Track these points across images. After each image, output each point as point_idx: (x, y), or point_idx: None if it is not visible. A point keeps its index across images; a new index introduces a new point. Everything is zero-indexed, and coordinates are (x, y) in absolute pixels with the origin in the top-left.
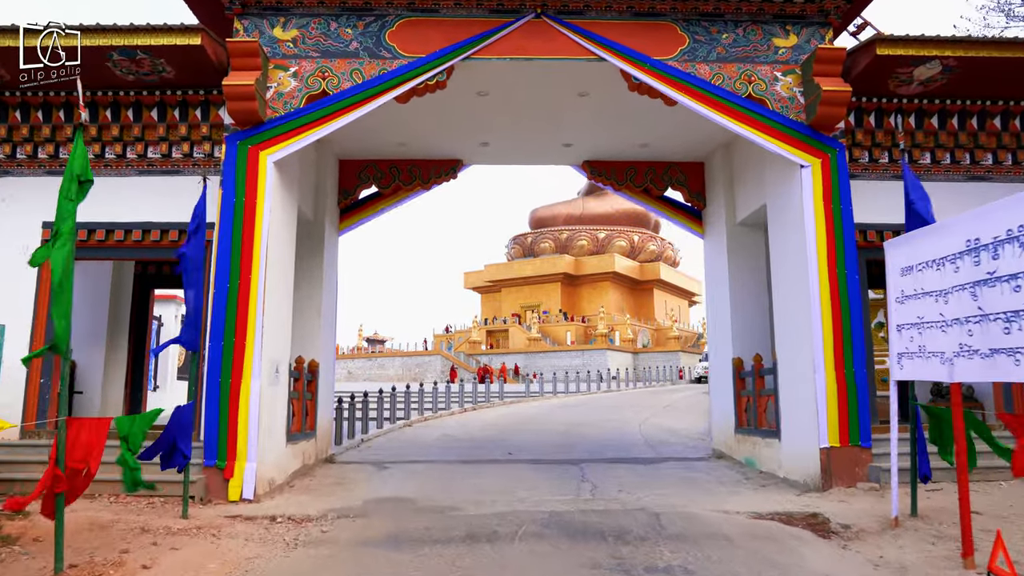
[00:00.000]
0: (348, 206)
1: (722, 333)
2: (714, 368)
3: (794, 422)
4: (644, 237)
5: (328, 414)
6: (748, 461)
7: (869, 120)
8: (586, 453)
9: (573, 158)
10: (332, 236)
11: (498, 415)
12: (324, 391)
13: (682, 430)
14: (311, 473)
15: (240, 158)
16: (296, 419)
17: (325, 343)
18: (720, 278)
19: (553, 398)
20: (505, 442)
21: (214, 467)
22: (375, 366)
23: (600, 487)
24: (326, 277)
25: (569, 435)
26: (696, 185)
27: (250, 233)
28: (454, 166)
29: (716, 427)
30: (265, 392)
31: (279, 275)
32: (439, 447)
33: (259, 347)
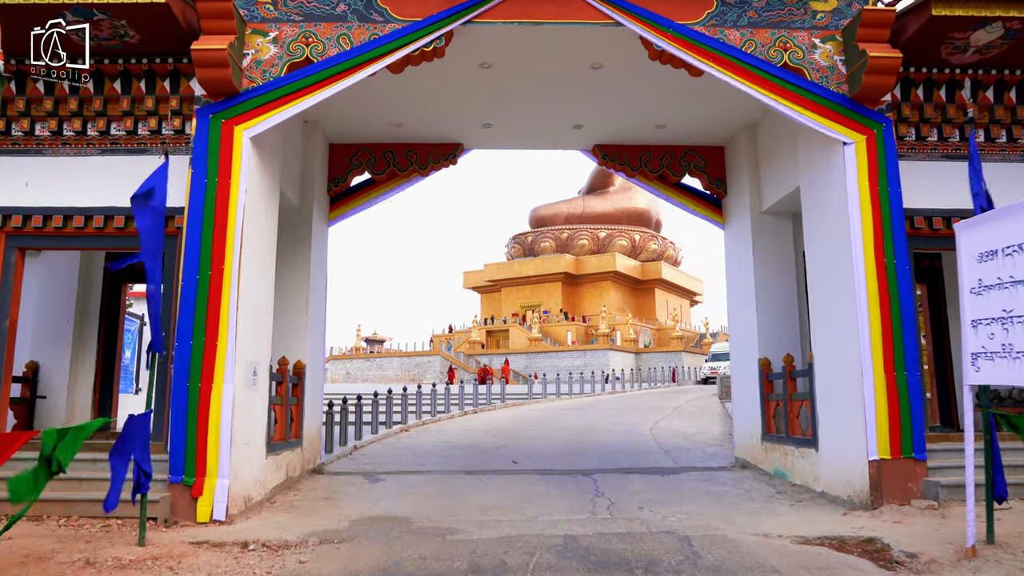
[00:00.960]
0: (339, 194)
1: (746, 331)
2: (737, 369)
3: (835, 430)
4: (645, 236)
5: (316, 420)
6: (778, 472)
7: (917, 93)
8: (597, 461)
9: (583, 141)
10: (321, 226)
11: (501, 419)
12: (312, 395)
13: (696, 435)
14: (296, 487)
15: (212, 133)
16: (279, 427)
17: (313, 343)
18: (743, 272)
19: (557, 400)
20: (510, 449)
21: (180, 484)
22: (374, 367)
23: (618, 503)
24: (314, 270)
25: (577, 441)
26: (716, 171)
27: (223, 218)
28: (453, 150)
29: (739, 434)
30: (240, 398)
31: (258, 266)
32: (438, 455)
33: (232, 347)
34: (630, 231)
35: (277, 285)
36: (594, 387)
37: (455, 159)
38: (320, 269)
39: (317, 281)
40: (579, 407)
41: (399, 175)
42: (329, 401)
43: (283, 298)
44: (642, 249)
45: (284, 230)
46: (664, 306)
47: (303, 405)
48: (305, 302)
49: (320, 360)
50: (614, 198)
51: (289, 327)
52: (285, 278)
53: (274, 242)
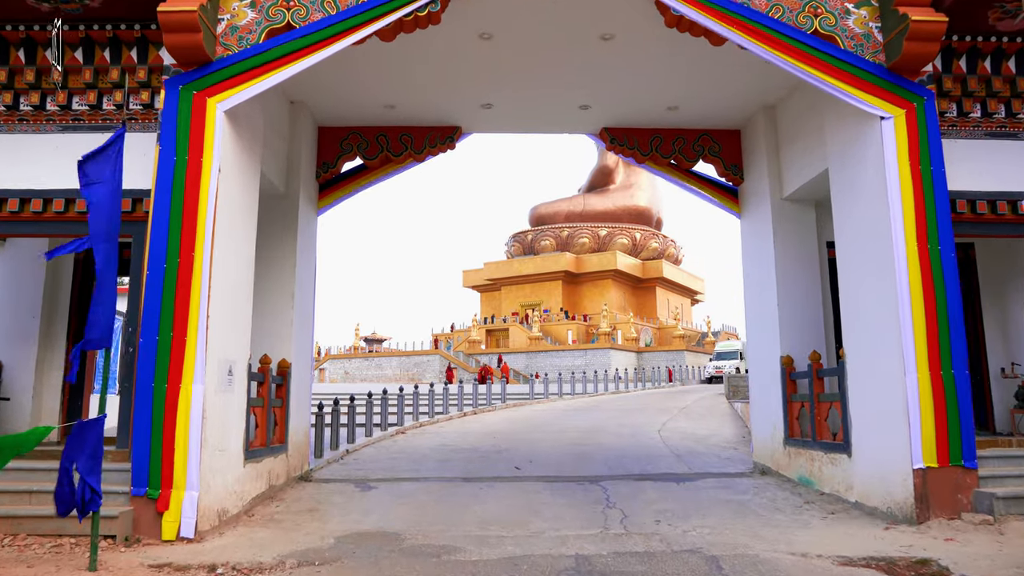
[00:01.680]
0: (329, 180)
1: (766, 327)
2: (755, 368)
3: (871, 434)
4: (646, 234)
5: (304, 423)
6: (803, 479)
7: (959, 64)
8: (605, 467)
9: (590, 124)
10: (309, 214)
11: (502, 420)
12: (299, 396)
13: (707, 437)
14: (279, 496)
15: (182, 106)
16: (260, 431)
17: (300, 339)
18: (763, 263)
19: (559, 400)
20: (511, 453)
21: (144, 497)
22: (372, 366)
23: (632, 515)
24: (301, 262)
25: (583, 444)
26: (732, 156)
27: (193, 200)
28: (451, 134)
29: (758, 438)
30: (213, 400)
31: (234, 255)
32: (435, 460)
33: (203, 343)
34: (631, 229)
35: (259, 277)
36: (597, 387)
37: (453, 143)
38: (308, 260)
39: (304, 273)
40: (582, 408)
41: (393, 160)
42: (319, 403)
43: (266, 292)
44: (643, 247)
45: (268, 218)
46: (665, 305)
47: (288, 407)
48: (291, 296)
49: (308, 359)
50: (615, 196)
51: (273, 323)
52: (269, 270)
53: (253, 229)
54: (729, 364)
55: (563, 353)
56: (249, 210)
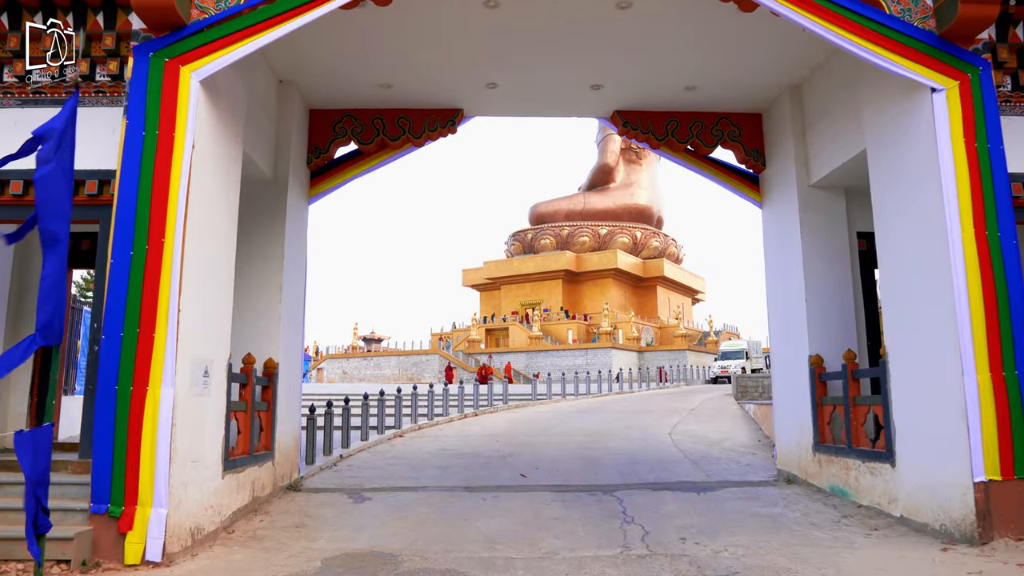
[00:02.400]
0: (321, 167)
1: (791, 324)
2: (779, 368)
3: (920, 442)
4: (647, 233)
5: (293, 427)
6: (836, 490)
7: (1016, 32)
8: (618, 474)
9: (602, 106)
10: (299, 202)
11: (504, 422)
12: (287, 398)
13: (721, 441)
14: (264, 509)
15: (152, 75)
16: (242, 438)
17: (289, 338)
18: (788, 255)
19: (562, 401)
20: (516, 459)
21: (105, 515)
22: (371, 365)
23: (654, 532)
24: (290, 253)
25: (592, 448)
26: (753, 141)
27: (163, 180)
28: (452, 117)
29: (782, 443)
30: (185, 404)
31: (211, 242)
32: (435, 466)
33: (174, 340)
34: (631, 228)
35: (243, 270)
36: (600, 387)
37: (454, 127)
38: (297, 252)
39: (294, 266)
40: (587, 409)
41: (390, 145)
42: (311, 405)
43: (251, 285)
44: (644, 246)
45: (253, 205)
46: (666, 304)
47: (275, 411)
48: (278, 290)
49: (297, 358)
50: (615, 194)
51: (259, 320)
52: (254, 262)
53: (234, 214)
54: (735, 364)
55: (564, 352)
56: (229, 194)
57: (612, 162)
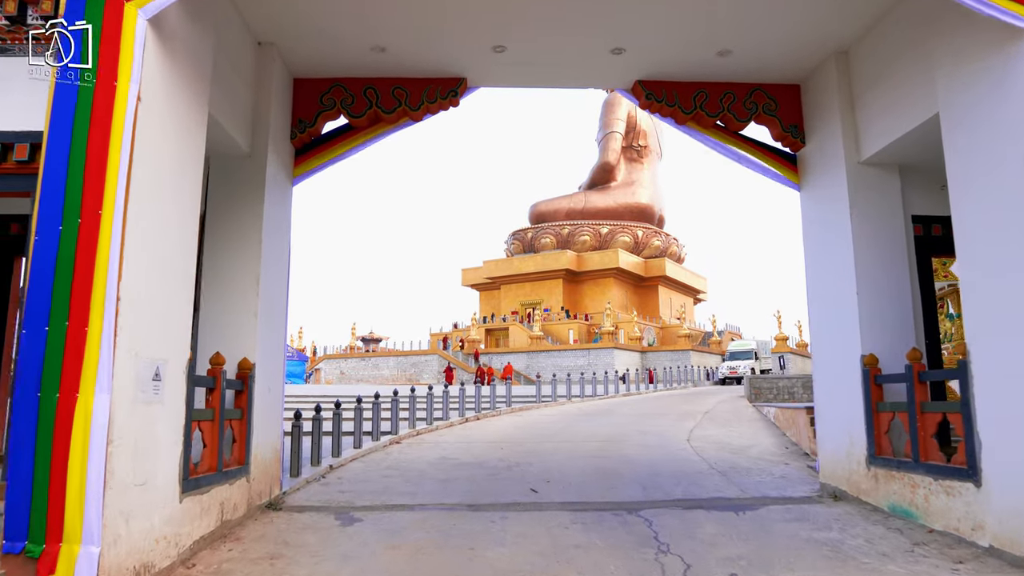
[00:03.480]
0: (307, 143)
1: (838, 320)
2: (822, 369)
3: (1017, 458)
4: (648, 232)
5: (273, 437)
6: (899, 511)
7: None
8: (640, 489)
9: (622, 74)
10: (281, 182)
11: (508, 427)
12: (266, 404)
13: (746, 448)
14: (235, 534)
15: (90, 10)
16: (209, 451)
17: (267, 334)
18: (833, 242)
19: (568, 403)
20: (524, 469)
21: (21, 555)
22: (369, 366)
23: (696, 565)
24: (270, 239)
25: (606, 457)
26: (790, 115)
27: (102, 140)
28: (455, 87)
29: (827, 454)
30: (127, 414)
31: (163, 218)
32: (435, 479)
33: (111, 335)
34: (633, 227)
35: (215, 256)
36: (607, 388)
37: (456, 98)
38: (279, 238)
39: (274, 253)
40: (595, 412)
41: (384, 119)
42: (296, 411)
43: (222, 274)
44: (645, 245)
45: (227, 184)
46: (668, 304)
47: (250, 418)
48: (255, 280)
49: (278, 358)
50: (616, 193)
51: (231, 314)
52: (227, 247)
53: (196, 188)
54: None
55: (565, 353)
56: (189, 163)
57: (613, 160)
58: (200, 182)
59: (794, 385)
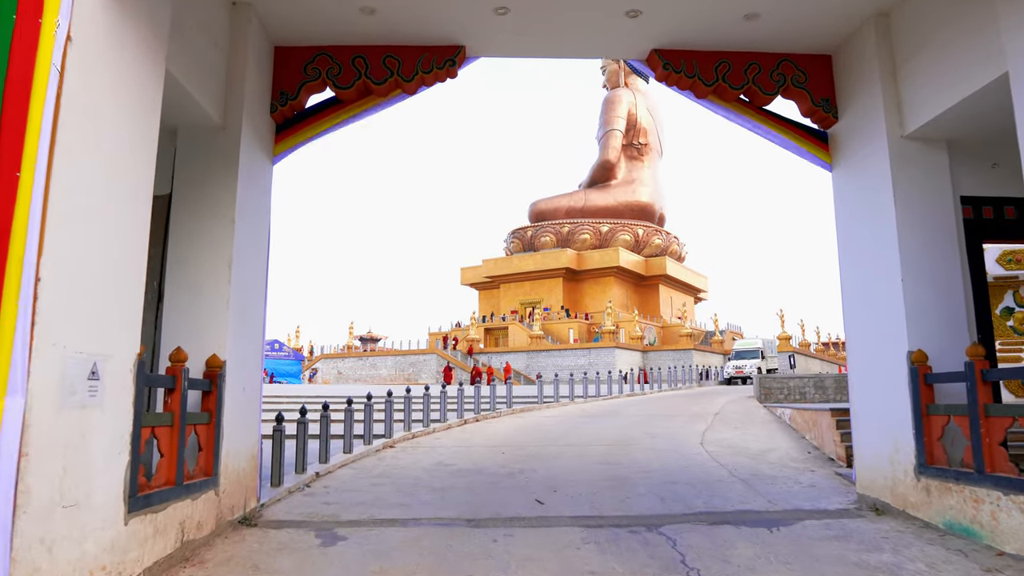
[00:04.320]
0: (289, 118)
1: (878, 311)
2: (859, 367)
3: None
4: (649, 230)
5: (249, 443)
6: (957, 528)
7: None
8: (657, 500)
9: (636, 42)
10: (259, 158)
11: (509, 429)
12: (240, 405)
13: (764, 452)
14: (199, 557)
15: None
16: (167, 461)
17: (242, 328)
18: (873, 225)
19: (571, 404)
20: (528, 477)
21: None
22: (367, 366)
23: None
24: (244, 221)
25: (615, 462)
26: (821, 87)
27: (21, 84)
28: (452, 55)
29: (865, 461)
30: (50, 420)
31: (103, 187)
32: (431, 487)
33: (26, 325)
34: (633, 225)
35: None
36: (610, 388)
37: (454, 68)
38: (256, 220)
39: (249, 236)
40: (599, 413)
41: (374, 90)
42: (278, 413)
43: (188, 259)
44: (645, 244)
45: (196, 158)
46: (668, 303)
47: (220, 423)
48: (226, 266)
49: (255, 354)
50: (616, 191)
51: (198, 304)
52: (194, 230)
53: (150, 154)
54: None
55: (565, 352)
56: (138, 123)
57: (613, 158)
58: (154, 147)
59: (805, 385)
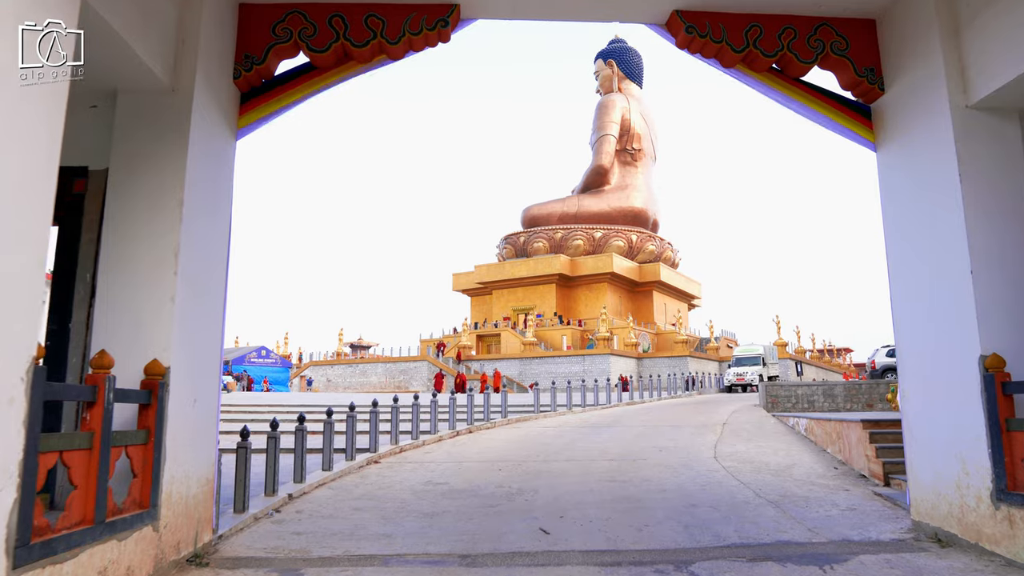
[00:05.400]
0: (257, 87)
1: (939, 309)
2: (913, 374)
3: None
4: (643, 236)
5: (203, 465)
6: None
7: None
8: (680, 527)
9: (655, 2)
10: (217, 130)
11: (505, 442)
12: (190, 421)
13: (787, 469)
14: None
15: None
16: (82, 494)
17: (193, 328)
18: (930, 210)
19: (568, 413)
20: (529, 499)
21: None
22: (356, 373)
23: None
24: (195, 203)
25: (626, 481)
26: (866, 56)
27: None
28: (444, 15)
29: (921, 483)
30: None
31: None
32: (419, 513)
33: None
34: (626, 231)
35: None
36: (609, 397)
37: (447, 30)
38: (211, 202)
39: (201, 220)
40: (599, 423)
41: (354, 55)
42: (243, 428)
43: (127, 247)
44: (639, 250)
45: (139, 128)
46: (662, 309)
47: (161, 442)
48: (171, 254)
49: (211, 360)
50: (609, 197)
51: (136, 300)
52: (135, 212)
53: (56, 101)
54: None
55: (559, 359)
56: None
57: (607, 163)
58: (64, 96)
59: (814, 393)
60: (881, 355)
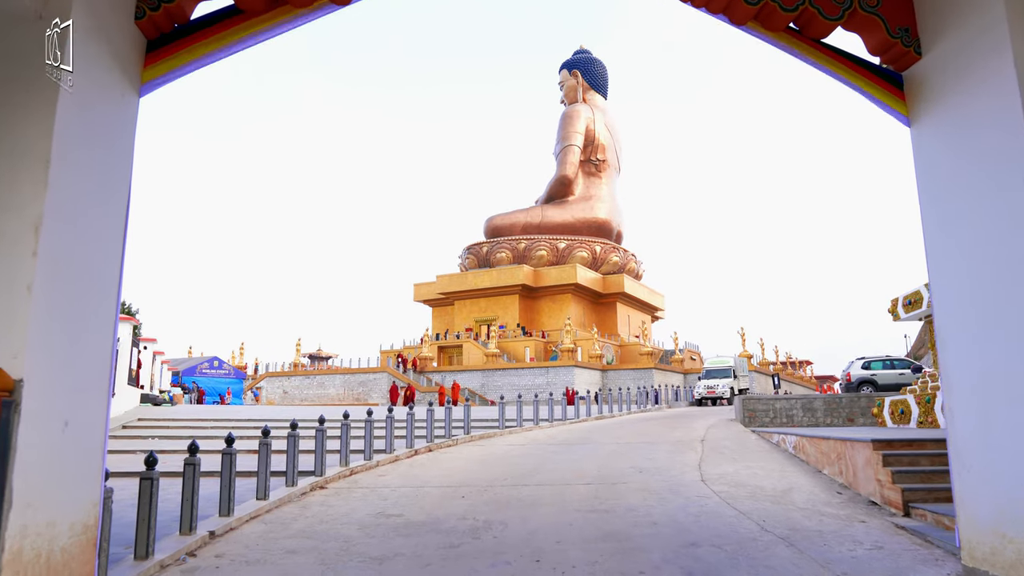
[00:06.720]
0: (168, 33)
1: (1004, 311)
2: (960, 384)
3: None
4: (607, 247)
5: (77, 506)
6: None
7: None
8: (681, 572)
9: None
10: (106, 78)
11: (469, 463)
12: (54, 450)
13: (785, 493)
14: None
15: None
16: None
17: (60, 332)
18: (990, 193)
19: (535, 428)
20: (499, 534)
21: None
22: (314, 384)
23: None
24: (69, 168)
25: (606, 509)
26: (899, 14)
27: None
28: None
29: (979, 521)
30: None
31: None
32: (366, 557)
33: None
34: (591, 242)
35: None
36: (577, 411)
37: None
38: (98, 169)
39: (81, 191)
40: (570, 440)
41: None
42: (148, 455)
43: None
44: (603, 261)
45: None
46: (626, 321)
47: (6, 483)
48: (31, 230)
49: (95, 372)
50: (574, 208)
51: None
52: None
53: None
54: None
55: (522, 371)
56: None
57: (572, 174)
58: None
59: (793, 407)
60: (856, 367)
